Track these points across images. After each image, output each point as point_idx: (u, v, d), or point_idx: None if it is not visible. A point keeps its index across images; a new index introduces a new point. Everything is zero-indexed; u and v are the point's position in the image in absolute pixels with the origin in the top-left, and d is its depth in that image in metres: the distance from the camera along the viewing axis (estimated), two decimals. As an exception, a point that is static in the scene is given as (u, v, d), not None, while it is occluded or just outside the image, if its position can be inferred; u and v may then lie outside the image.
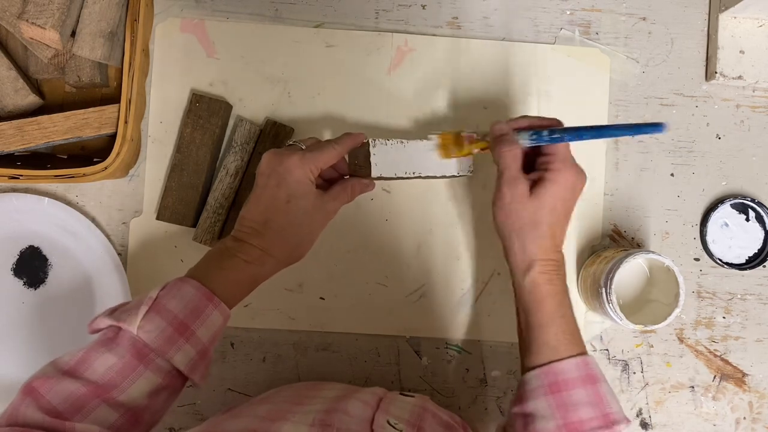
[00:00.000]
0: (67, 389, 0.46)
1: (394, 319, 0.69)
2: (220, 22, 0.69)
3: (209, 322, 0.51)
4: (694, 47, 0.71)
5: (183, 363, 0.50)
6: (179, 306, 0.50)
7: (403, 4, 0.70)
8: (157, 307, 0.50)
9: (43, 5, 0.58)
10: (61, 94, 0.68)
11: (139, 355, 0.48)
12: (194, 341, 0.50)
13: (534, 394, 0.53)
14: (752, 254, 0.70)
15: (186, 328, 0.50)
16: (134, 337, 0.49)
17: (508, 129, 0.57)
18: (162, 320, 0.49)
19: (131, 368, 0.48)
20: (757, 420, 0.70)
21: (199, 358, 0.51)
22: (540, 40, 0.71)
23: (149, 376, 0.48)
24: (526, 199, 0.55)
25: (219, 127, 0.67)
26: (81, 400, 0.46)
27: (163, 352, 0.49)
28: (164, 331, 0.49)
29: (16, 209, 0.67)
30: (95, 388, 0.47)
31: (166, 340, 0.49)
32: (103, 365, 0.47)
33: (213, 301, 0.52)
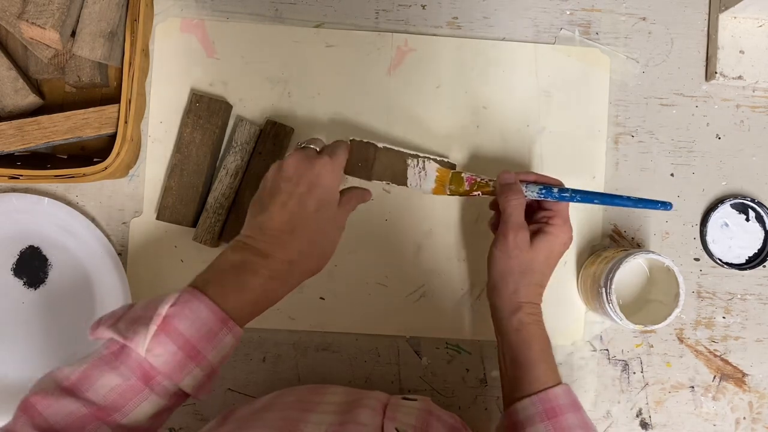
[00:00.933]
0: (67, 409, 0.44)
1: (394, 319, 0.69)
2: (220, 22, 0.69)
3: (221, 345, 0.48)
4: (694, 47, 0.71)
5: (191, 386, 0.47)
6: (191, 329, 0.46)
7: (403, 4, 0.70)
8: (168, 328, 0.46)
9: (43, 5, 0.58)
10: (61, 94, 0.68)
11: (146, 378, 0.46)
12: (205, 365, 0.47)
13: (531, 420, 0.54)
14: (752, 254, 0.70)
15: (198, 353, 0.47)
16: (141, 359, 0.46)
17: (516, 179, 0.61)
18: (173, 344, 0.46)
19: (136, 391, 0.46)
20: (757, 420, 0.70)
21: (207, 380, 0.48)
22: (540, 40, 0.71)
23: (154, 400, 0.46)
24: (527, 246, 0.59)
25: (219, 127, 0.67)
26: (80, 422, 0.44)
27: (171, 376, 0.46)
28: (175, 355, 0.46)
29: (16, 209, 0.67)
30: (96, 410, 0.44)
31: (176, 366, 0.46)
32: (106, 386, 0.45)
33: (228, 325, 0.48)
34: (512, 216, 0.60)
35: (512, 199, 0.60)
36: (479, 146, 0.70)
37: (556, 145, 0.70)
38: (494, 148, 0.70)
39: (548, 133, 0.70)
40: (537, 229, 0.60)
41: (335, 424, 0.48)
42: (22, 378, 0.67)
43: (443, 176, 0.64)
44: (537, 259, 0.59)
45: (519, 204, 0.60)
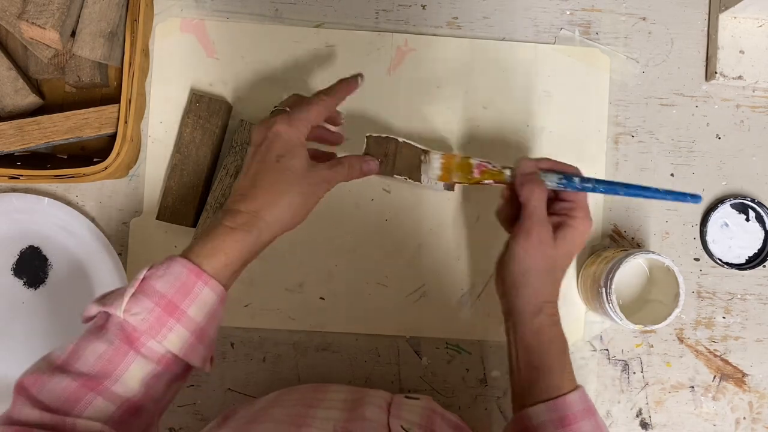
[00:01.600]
0: (59, 386, 0.44)
1: (394, 319, 0.69)
2: (220, 22, 0.69)
3: (200, 300, 0.48)
4: (694, 47, 0.71)
5: (177, 345, 0.47)
6: (166, 285, 0.47)
7: (403, 4, 0.70)
8: (144, 287, 0.47)
9: (43, 5, 0.58)
10: (61, 94, 0.68)
11: (129, 340, 0.46)
12: (186, 321, 0.47)
13: (544, 428, 0.52)
14: (752, 254, 0.70)
15: (175, 307, 0.47)
16: (121, 321, 0.46)
17: (536, 168, 0.57)
18: (149, 301, 0.46)
19: (122, 354, 0.45)
20: (757, 420, 0.70)
21: (195, 340, 0.48)
22: (540, 40, 0.71)
23: (141, 362, 0.46)
24: (551, 242, 0.56)
25: (219, 127, 0.67)
26: (74, 396, 0.44)
27: (152, 334, 0.46)
28: (152, 312, 0.46)
29: (16, 209, 0.67)
30: (87, 380, 0.44)
31: (155, 322, 0.46)
32: (93, 354, 0.45)
33: (202, 278, 0.48)
34: (536, 210, 0.56)
35: (535, 191, 0.56)
36: (479, 146, 0.70)
37: (556, 145, 0.70)
38: (494, 148, 0.70)
39: (548, 133, 0.70)
40: (558, 222, 0.56)
41: (342, 420, 0.48)
42: (22, 378, 0.67)
43: (449, 162, 0.62)
44: (561, 255, 0.56)
45: (542, 197, 0.56)
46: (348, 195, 0.69)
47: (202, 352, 0.49)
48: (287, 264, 0.68)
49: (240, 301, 0.68)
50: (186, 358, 0.48)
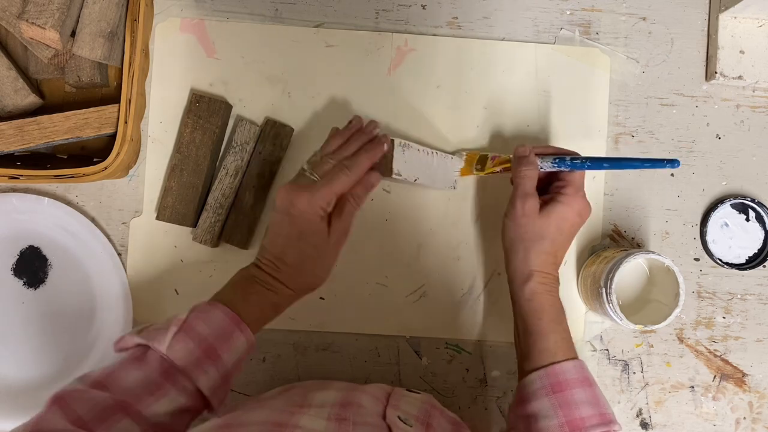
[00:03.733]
0: (94, 399, 0.46)
1: (394, 319, 0.69)
2: (220, 22, 0.69)
3: (235, 347, 0.53)
4: (694, 47, 0.71)
5: (207, 386, 0.51)
6: (208, 329, 0.51)
7: (403, 4, 0.70)
8: (187, 328, 0.51)
9: (43, 5, 0.58)
10: (61, 94, 0.68)
11: (166, 375, 0.49)
12: (220, 365, 0.51)
13: (536, 394, 0.54)
14: (752, 254, 0.70)
15: (214, 351, 0.51)
16: (163, 356, 0.50)
17: (530, 152, 0.61)
18: (191, 342, 0.50)
19: (157, 386, 0.49)
20: (757, 420, 0.70)
21: (222, 383, 0.52)
22: (540, 40, 0.71)
23: (174, 396, 0.49)
24: (535, 214, 0.59)
25: (219, 127, 0.67)
26: (106, 412, 0.46)
27: (189, 373, 0.50)
28: (192, 353, 0.50)
29: (16, 209, 0.67)
30: (121, 400, 0.47)
31: (194, 362, 0.50)
32: (130, 380, 0.48)
33: (240, 326, 0.53)
34: (521, 185, 0.60)
35: (523, 169, 0.61)
36: (479, 146, 0.70)
37: (556, 145, 0.70)
38: (494, 148, 0.70)
39: (548, 133, 0.70)
40: (549, 198, 0.60)
41: (336, 406, 0.49)
42: (22, 378, 0.67)
43: (471, 157, 0.67)
44: (548, 226, 0.59)
45: (530, 174, 0.60)
46: (348, 195, 0.69)
47: (222, 395, 0.53)
48: (287, 264, 0.68)
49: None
50: (210, 397, 0.51)
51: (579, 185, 0.61)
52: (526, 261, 0.59)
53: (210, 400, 0.52)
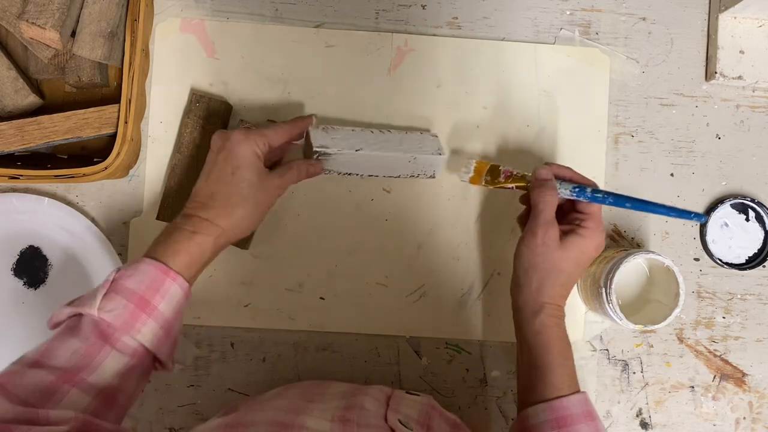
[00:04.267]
0: (34, 379, 0.45)
1: (394, 319, 0.69)
2: (220, 22, 0.69)
3: (169, 296, 0.52)
4: (694, 47, 0.71)
5: (148, 339, 0.50)
6: (137, 284, 0.51)
7: (403, 4, 0.70)
8: (115, 287, 0.50)
9: (43, 5, 0.58)
10: (61, 94, 0.68)
11: (104, 336, 0.48)
12: (157, 315, 0.51)
13: (540, 428, 0.54)
14: (752, 254, 0.70)
15: (147, 303, 0.50)
16: (96, 319, 0.49)
17: (551, 176, 0.60)
18: (122, 298, 0.49)
19: (97, 349, 0.48)
20: (757, 420, 0.70)
21: (164, 335, 0.51)
22: (540, 40, 0.71)
23: (116, 356, 0.48)
24: (556, 244, 0.57)
25: (219, 127, 0.67)
26: (50, 388, 0.45)
27: (126, 329, 0.49)
28: (126, 308, 0.49)
29: (16, 209, 0.67)
30: (62, 373, 0.46)
31: (129, 317, 0.49)
32: (68, 350, 0.47)
33: (170, 275, 0.52)
34: (543, 212, 0.58)
35: (546, 195, 0.59)
36: (479, 146, 0.70)
37: (556, 145, 0.70)
38: (494, 149, 0.70)
39: (548, 133, 0.70)
40: (569, 230, 0.59)
41: (340, 409, 0.49)
42: (22, 378, 0.67)
43: (481, 167, 0.65)
44: (567, 259, 0.57)
45: (552, 201, 0.59)
46: (348, 195, 0.69)
47: (168, 347, 0.52)
48: (287, 264, 0.68)
49: (240, 301, 0.68)
50: (156, 351, 0.51)
51: (600, 219, 0.59)
52: (539, 292, 0.57)
53: (156, 354, 0.51)
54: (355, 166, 0.65)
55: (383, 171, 0.66)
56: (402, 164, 0.66)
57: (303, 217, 0.69)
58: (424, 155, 0.65)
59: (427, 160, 0.66)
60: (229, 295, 0.68)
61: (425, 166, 0.66)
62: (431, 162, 0.66)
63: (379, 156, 0.64)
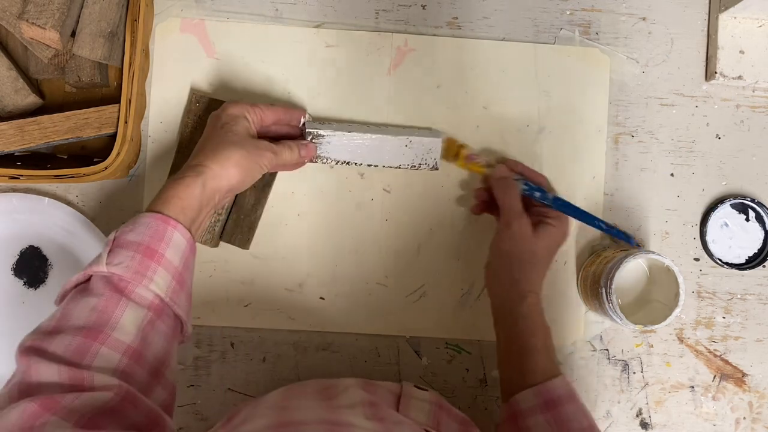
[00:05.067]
0: (61, 345, 0.44)
1: (394, 319, 0.69)
2: (220, 22, 0.69)
3: (174, 244, 0.51)
4: (694, 47, 0.71)
5: (162, 289, 0.49)
6: (139, 235, 0.50)
7: (403, 4, 0.70)
8: (119, 242, 0.50)
9: (43, 5, 0.58)
10: (61, 94, 0.68)
11: (118, 289, 0.47)
12: (166, 264, 0.50)
13: (531, 411, 0.55)
14: (752, 254, 0.70)
15: (154, 252, 0.49)
16: (106, 274, 0.48)
17: (509, 173, 0.65)
18: (128, 251, 0.49)
19: (114, 303, 0.46)
20: (757, 420, 0.70)
21: (177, 286, 0.51)
22: (540, 40, 0.71)
23: (134, 309, 0.47)
24: (530, 234, 0.61)
25: (219, 127, 0.67)
26: (80, 350, 0.44)
27: (139, 279, 0.48)
28: (133, 258, 0.48)
29: (16, 209, 0.67)
30: (87, 332, 0.45)
31: (138, 267, 0.48)
32: (86, 308, 0.46)
33: (170, 223, 0.52)
34: (513, 207, 0.62)
35: (509, 191, 0.63)
36: (479, 146, 0.70)
37: (556, 145, 0.70)
38: (494, 149, 0.70)
39: (548, 133, 0.70)
40: (537, 221, 0.62)
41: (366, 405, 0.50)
42: (22, 378, 0.67)
43: (450, 145, 0.68)
44: (542, 247, 0.61)
45: (515, 194, 0.63)
46: (348, 195, 0.69)
47: (184, 302, 0.52)
48: (287, 264, 0.68)
49: (240, 301, 0.68)
50: (172, 303, 0.50)
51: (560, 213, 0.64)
52: (519, 281, 0.60)
53: (174, 308, 0.50)
54: (351, 152, 0.65)
55: (381, 159, 0.66)
56: (399, 150, 0.66)
57: (303, 217, 0.69)
58: (419, 137, 0.66)
59: (424, 145, 0.66)
60: (229, 295, 0.68)
61: (423, 152, 0.66)
62: (428, 147, 0.66)
63: (373, 140, 0.65)
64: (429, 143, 0.66)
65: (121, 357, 0.45)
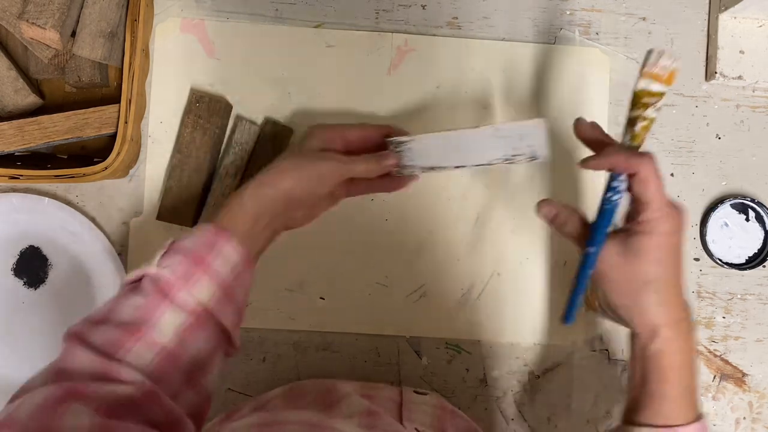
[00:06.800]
0: (103, 335, 0.46)
1: (394, 319, 0.69)
2: (220, 22, 0.69)
3: (223, 256, 0.51)
4: (694, 47, 0.71)
5: (205, 296, 0.49)
6: (192, 243, 0.51)
7: (403, 4, 0.70)
8: (173, 247, 0.51)
9: (43, 5, 0.58)
10: (61, 94, 0.68)
11: (162, 291, 0.48)
12: (212, 274, 0.50)
13: None
14: (752, 254, 0.70)
15: (201, 260, 0.50)
16: (154, 275, 0.49)
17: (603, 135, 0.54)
18: (178, 255, 0.50)
19: (156, 303, 0.48)
20: (757, 420, 0.70)
21: (223, 296, 0.50)
22: (540, 40, 0.71)
23: (175, 312, 0.48)
24: (622, 257, 0.49)
25: (219, 127, 0.67)
26: (117, 342, 0.45)
27: (182, 284, 0.48)
28: (181, 263, 0.49)
29: (16, 209, 0.67)
30: (127, 327, 0.46)
31: (184, 272, 0.49)
32: (131, 306, 0.48)
33: (222, 236, 0.52)
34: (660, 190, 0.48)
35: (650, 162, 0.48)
36: (479, 146, 0.70)
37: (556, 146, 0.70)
38: (494, 148, 0.70)
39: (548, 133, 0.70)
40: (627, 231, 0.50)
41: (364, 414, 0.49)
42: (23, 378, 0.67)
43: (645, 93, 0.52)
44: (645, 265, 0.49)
45: None
46: (348, 195, 0.69)
47: (232, 315, 0.51)
48: (287, 264, 0.68)
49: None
50: (216, 313, 0.49)
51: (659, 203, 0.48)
52: (646, 315, 0.49)
53: (218, 317, 0.50)
54: (437, 154, 0.58)
55: (469, 158, 0.57)
56: (487, 143, 0.56)
57: (303, 217, 0.69)
58: (508, 124, 0.55)
59: (515, 131, 0.55)
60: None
61: (516, 141, 0.55)
62: (521, 133, 0.55)
63: (458, 137, 0.57)
64: (522, 128, 0.55)
65: (153, 356, 0.46)
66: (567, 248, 0.69)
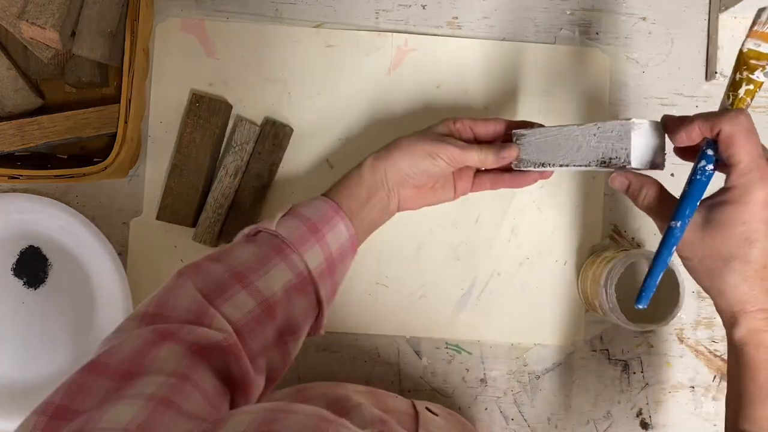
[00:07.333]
0: (215, 272, 0.48)
1: (394, 319, 0.69)
2: (220, 22, 0.69)
3: (336, 232, 0.54)
4: (694, 47, 0.71)
5: (314, 263, 0.51)
6: (311, 212, 0.54)
7: (403, 4, 0.70)
8: (292, 212, 0.54)
9: (43, 5, 0.58)
10: (61, 94, 0.68)
11: (276, 249, 0.50)
12: (323, 245, 0.52)
13: None
14: (752, 254, 0.70)
15: (317, 230, 0.52)
16: (272, 233, 0.51)
17: None
18: (297, 220, 0.52)
19: (268, 258, 0.50)
20: (757, 420, 0.70)
21: (326, 270, 0.52)
22: (540, 40, 0.71)
23: (284, 269, 0.50)
24: (700, 232, 0.43)
25: (219, 127, 0.67)
26: (224, 284, 0.47)
27: (296, 247, 0.51)
28: (299, 228, 0.52)
29: (16, 209, 0.67)
30: (236, 273, 0.48)
31: (300, 237, 0.51)
32: (245, 253, 0.50)
33: (339, 213, 0.54)
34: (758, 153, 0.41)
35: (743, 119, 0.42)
36: (479, 146, 0.70)
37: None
38: (494, 148, 0.70)
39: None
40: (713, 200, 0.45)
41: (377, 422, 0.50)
42: (22, 378, 0.67)
43: None
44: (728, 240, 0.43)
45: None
46: (348, 195, 0.69)
47: (329, 289, 0.53)
48: (287, 264, 0.68)
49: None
50: (318, 281, 0.51)
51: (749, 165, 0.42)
52: (724, 299, 0.44)
53: (317, 284, 0.51)
54: (548, 151, 0.56)
55: (572, 156, 0.54)
56: (588, 142, 0.53)
57: (303, 217, 0.69)
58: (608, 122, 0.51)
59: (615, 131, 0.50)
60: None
61: (613, 140, 0.51)
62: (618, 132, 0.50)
63: (565, 134, 0.54)
64: (622, 129, 0.49)
65: (255, 305, 0.47)
66: (567, 248, 0.69)
